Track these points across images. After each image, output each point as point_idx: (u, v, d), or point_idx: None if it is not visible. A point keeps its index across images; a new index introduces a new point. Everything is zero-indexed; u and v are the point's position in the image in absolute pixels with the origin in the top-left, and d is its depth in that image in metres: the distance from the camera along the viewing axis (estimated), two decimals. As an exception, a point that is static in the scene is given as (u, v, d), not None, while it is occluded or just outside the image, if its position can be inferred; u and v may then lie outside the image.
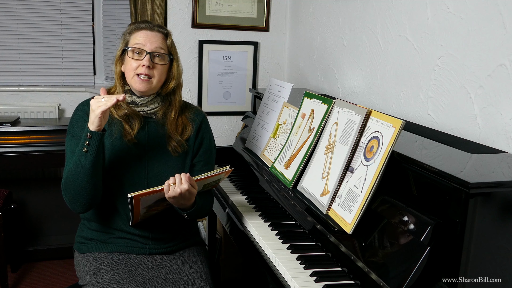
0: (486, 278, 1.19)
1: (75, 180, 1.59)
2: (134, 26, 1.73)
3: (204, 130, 1.83)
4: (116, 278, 1.60)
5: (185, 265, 1.73)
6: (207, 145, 1.83)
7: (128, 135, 1.69)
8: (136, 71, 1.66)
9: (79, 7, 3.21)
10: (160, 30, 1.73)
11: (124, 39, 1.73)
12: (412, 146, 1.51)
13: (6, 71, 3.14)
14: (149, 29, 1.71)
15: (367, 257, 1.34)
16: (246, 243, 1.78)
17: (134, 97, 1.72)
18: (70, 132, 1.72)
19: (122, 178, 1.70)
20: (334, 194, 1.53)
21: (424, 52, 1.87)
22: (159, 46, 1.69)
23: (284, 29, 3.27)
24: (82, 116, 1.71)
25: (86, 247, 1.75)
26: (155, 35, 1.70)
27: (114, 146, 1.70)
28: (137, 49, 1.67)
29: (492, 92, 1.55)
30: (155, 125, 1.75)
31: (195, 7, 3.06)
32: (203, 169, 1.79)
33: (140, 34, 1.69)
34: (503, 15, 1.50)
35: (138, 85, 1.67)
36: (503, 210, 1.17)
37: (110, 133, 1.70)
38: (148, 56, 1.66)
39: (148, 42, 1.68)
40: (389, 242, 1.31)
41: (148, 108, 1.74)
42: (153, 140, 1.74)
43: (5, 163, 2.74)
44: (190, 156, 1.78)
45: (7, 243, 2.79)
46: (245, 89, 3.26)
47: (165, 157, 1.74)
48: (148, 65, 1.65)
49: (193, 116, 1.82)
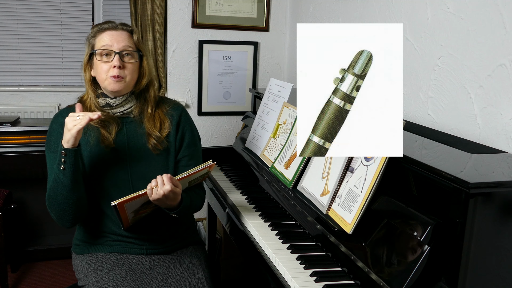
0: (486, 278, 1.19)
1: (57, 196, 1.58)
2: (97, 28, 1.70)
3: (185, 123, 1.80)
4: (115, 278, 1.60)
5: (183, 264, 1.72)
6: (190, 138, 1.79)
7: (106, 141, 1.67)
8: (108, 74, 1.64)
9: (79, 7, 3.20)
10: (125, 28, 1.70)
11: (90, 43, 1.70)
12: (412, 146, 1.51)
13: (6, 71, 3.14)
14: (113, 28, 1.68)
15: (367, 257, 1.34)
16: (246, 243, 1.78)
17: (108, 99, 1.70)
18: (48, 147, 1.70)
19: (106, 183, 1.68)
20: (334, 194, 1.53)
21: (424, 52, 1.87)
22: (127, 45, 1.67)
23: (284, 29, 3.27)
24: (57, 129, 1.68)
25: (83, 249, 1.75)
26: (120, 34, 1.68)
27: (93, 153, 1.68)
28: (105, 50, 1.65)
29: (492, 92, 1.55)
30: (133, 125, 1.73)
31: (195, 7, 3.06)
32: (189, 163, 1.76)
33: (105, 35, 1.67)
34: (503, 15, 1.50)
35: (112, 86, 1.65)
36: (503, 210, 1.17)
37: (87, 141, 1.67)
38: (117, 56, 1.64)
39: (115, 42, 1.65)
40: (389, 242, 1.31)
41: (124, 108, 1.72)
42: (132, 141, 1.72)
43: (5, 163, 2.74)
44: (172, 153, 1.76)
45: (7, 243, 2.79)
46: (245, 89, 3.26)
47: (147, 157, 1.72)
48: (119, 65, 1.63)
49: (171, 111, 1.79)
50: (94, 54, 1.67)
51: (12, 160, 2.74)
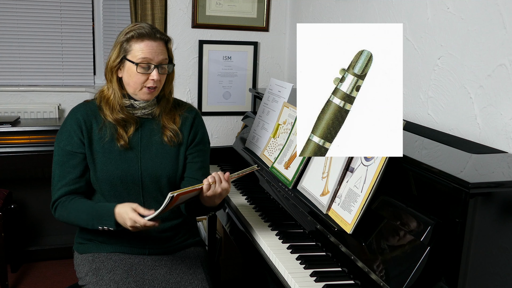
0: (486, 278, 1.19)
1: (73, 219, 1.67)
2: (134, 33, 1.64)
3: (198, 125, 1.83)
4: (116, 279, 1.60)
5: (184, 265, 1.72)
6: (200, 138, 1.82)
7: (121, 140, 1.69)
8: (144, 84, 1.65)
9: (79, 7, 3.20)
10: (162, 37, 1.68)
11: (122, 47, 1.65)
12: (412, 146, 1.51)
13: (6, 71, 3.14)
14: (152, 38, 1.64)
15: (367, 257, 1.35)
16: (246, 243, 1.78)
17: (132, 101, 1.71)
18: (58, 141, 1.71)
19: (115, 181, 1.69)
20: (334, 194, 1.53)
21: (424, 52, 1.87)
22: (164, 58, 1.67)
23: (284, 29, 3.27)
24: (71, 125, 1.69)
25: (85, 248, 1.75)
26: (158, 45, 1.65)
27: (105, 149, 1.69)
28: (145, 64, 1.63)
29: (492, 92, 1.55)
30: (149, 123, 1.75)
31: (195, 7, 3.06)
32: (197, 160, 1.79)
33: (145, 46, 1.63)
34: (503, 15, 1.50)
35: (147, 96, 1.68)
36: (503, 210, 1.17)
37: (101, 136, 1.69)
38: (156, 70, 1.64)
39: (155, 56, 1.64)
40: (389, 242, 1.31)
41: (146, 110, 1.74)
42: (146, 139, 1.74)
43: (5, 163, 2.74)
44: (184, 148, 1.78)
45: (7, 243, 2.79)
46: (245, 89, 3.26)
47: (158, 153, 1.73)
48: (159, 78, 1.65)
49: (185, 113, 1.82)
50: (132, 62, 1.63)
51: (12, 160, 2.74)
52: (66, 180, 1.68)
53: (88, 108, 1.73)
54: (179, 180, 1.78)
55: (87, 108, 1.74)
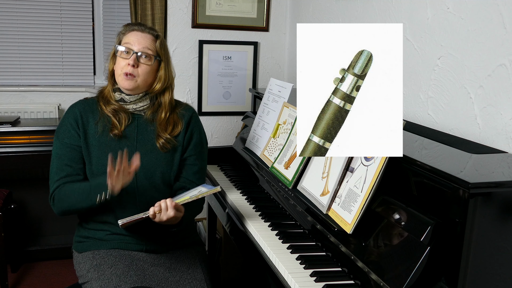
0: (486, 278, 1.19)
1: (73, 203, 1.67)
2: (127, 27, 1.78)
3: (194, 125, 1.85)
4: (118, 273, 1.61)
5: (183, 264, 1.73)
6: (197, 139, 1.84)
7: (115, 129, 1.72)
8: (122, 70, 1.70)
9: (79, 7, 3.20)
10: (151, 32, 1.77)
11: (118, 39, 1.78)
12: (412, 146, 1.51)
13: (6, 71, 3.14)
14: (140, 30, 1.76)
15: (367, 257, 1.35)
16: (246, 243, 1.78)
17: (123, 94, 1.76)
18: (57, 134, 1.76)
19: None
20: (334, 194, 1.53)
21: (424, 52, 1.87)
22: (147, 47, 1.72)
23: (284, 29, 3.27)
24: (69, 120, 1.75)
25: (85, 246, 1.76)
26: (144, 36, 1.74)
27: (101, 142, 1.72)
28: (127, 48, 1.71)
29: (492, 92, 1.55)
30: (144, 122, 1.78)
31: (195, 7, 3.06)
32: (196, 163, 1.81)
33: (131, 35, 1.74)
34: (503, 15, 1.50)
35: (123, 82, 1.72)
36: (503, 210, 1.17)
37: (96, 130, 1.73)
38: (134, 56, 1.70)
39: (137, 43, 1.72)
40: (389, 242, 1.31)
41: (137, 106, 1.77)
42: (142, 135, 1.77)
43: (5, 163, 2.74)
44: (179, 152, 1.80)
45: (7, 243, 2.79)
46: (245, 89, 3.26)
47: (154, 152, 1.76)
48: (133, 64, 1.69)
49: (182, 111, 1.85)
50: (116, 48, 1.74)
51: (12, 160, 2.74)
52: (64, 173, 1.71)
53: (86, 104, 1.79)
54: (174, 179, 1.79)
55: (85, 104, 1.79)
